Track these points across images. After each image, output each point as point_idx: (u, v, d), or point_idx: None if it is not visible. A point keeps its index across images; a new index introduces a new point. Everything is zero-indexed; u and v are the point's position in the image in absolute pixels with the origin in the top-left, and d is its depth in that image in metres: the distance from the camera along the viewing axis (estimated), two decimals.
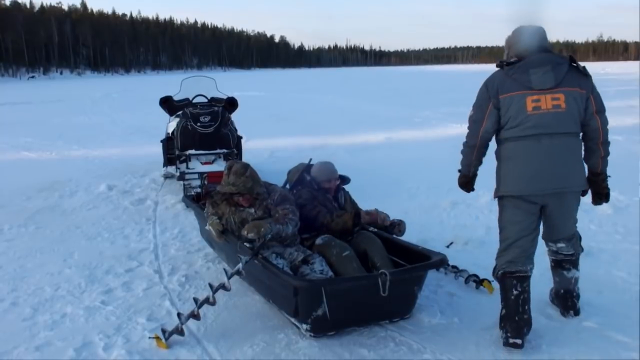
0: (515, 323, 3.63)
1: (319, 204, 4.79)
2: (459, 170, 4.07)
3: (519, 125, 3.70)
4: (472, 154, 3.93)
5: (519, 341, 3.58)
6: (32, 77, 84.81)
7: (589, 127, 3.92)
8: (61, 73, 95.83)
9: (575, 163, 3.90)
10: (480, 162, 3.99)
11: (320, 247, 4.42)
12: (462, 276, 4.67)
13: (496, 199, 3.94)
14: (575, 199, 3.97)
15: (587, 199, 6.86)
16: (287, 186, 5.16)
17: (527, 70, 3.69)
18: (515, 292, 3.70)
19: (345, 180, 5.13)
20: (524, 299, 3.69)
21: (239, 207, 4.53)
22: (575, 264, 4.08)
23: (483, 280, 4.53)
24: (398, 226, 4.78)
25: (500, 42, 4.43)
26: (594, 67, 75.99)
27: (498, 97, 3.75)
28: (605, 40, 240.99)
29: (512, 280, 3.73)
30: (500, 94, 3.74)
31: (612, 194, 6.86)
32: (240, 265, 3.96)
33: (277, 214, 4.42)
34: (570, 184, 3.85)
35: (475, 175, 4.05)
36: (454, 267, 4.78)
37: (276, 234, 4.22)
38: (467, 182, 4.06)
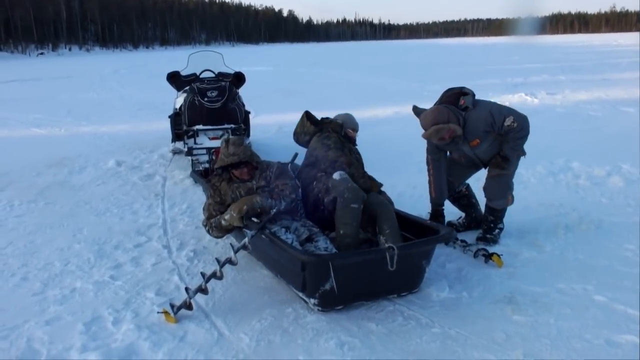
0: None
1: (348, 153, 4.81)
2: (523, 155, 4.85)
3: None
4: None
5: None
6: (41, 53, 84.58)
7: None
8: (70, 49, 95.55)
9: None
10: None
11: (334, 183, 4.38)
12: (470, 250, 4.65)
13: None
14: None
15: (599, 172, 6.83)
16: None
17: None
18: None
19: None
20: None
21: (240, 181, 4.51)
22: None
23: (492, 254, 4.50)
24: None
25: (509, 15, 4.52)
26: (605, 39, 75.18)
27: None
28: (618, 10, 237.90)
29: None
30: None
31: (623, 166, 6.90)
32: (246, 240, 3.95)
33: (276, 188, 4.41)
34: None
35: None
36: (462, 241, 4.76)
37: (267, 207, 4.21)
38: None
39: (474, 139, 4.74)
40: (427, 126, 4.73)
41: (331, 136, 4.89)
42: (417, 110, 5.02)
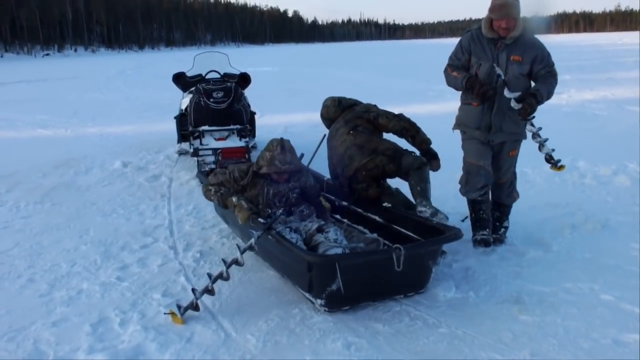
0: None
1: None
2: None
3: None
4: None
5: None
6: (47, 54, 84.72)
7: None
8: (75, 50, 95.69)
9: None
10: None
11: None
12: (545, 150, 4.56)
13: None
14: None
15: (604, 171, 6.80)
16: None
17: None
18: None
19: None
20: None
21: (273, 182, 4.52)
22: None
23: (558, 161, 4.51)
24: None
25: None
26: (611, 38, 74.85)
27: None
28: (623, 9, 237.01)
29: None
30: None
31: (629, 165, 6.87)
32: (252, 241, 3.95)
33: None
34: None
35: None
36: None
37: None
38: None
39: (518, 54, 4.51)
40: None
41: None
42: None
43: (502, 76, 4.38)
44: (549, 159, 4.51)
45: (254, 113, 8.35)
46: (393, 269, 3.62)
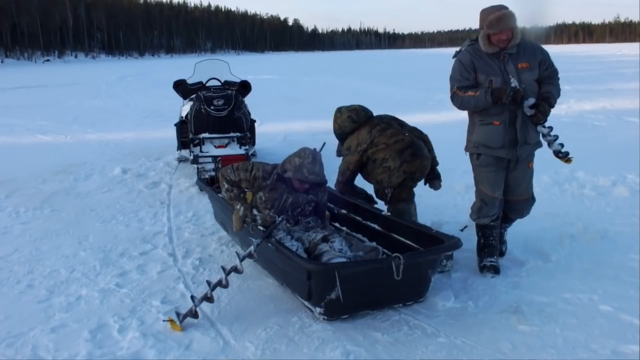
0: None
1: None
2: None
3: None
4: None
5: None
6: (47, 60, 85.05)
7: None
8: (76, 56, 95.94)
9: None
10: None
11: None
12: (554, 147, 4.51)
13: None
14: None
15: (604, 181, 6.81)
16: None
17: None
18: None
19: None
20: None
21: (294, 190, 4.52)
22: None
23: (567, 153, 4.48)
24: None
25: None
26: (610, 49, 75.08)
27: None
28: (622, 21, 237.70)
29: None
30: None
31: (628, 176, 6.88)
32: (252, 248, 3.96)
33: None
34: None
35: None
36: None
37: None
38: None
39: (524, 61, 4.39)
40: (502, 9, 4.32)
41: None
42: None
43: (518, 86, 4.32)
44: (557, 153, 4.48)
45: (254, 121, 8.38)
46: (392, 277, 3.62)
